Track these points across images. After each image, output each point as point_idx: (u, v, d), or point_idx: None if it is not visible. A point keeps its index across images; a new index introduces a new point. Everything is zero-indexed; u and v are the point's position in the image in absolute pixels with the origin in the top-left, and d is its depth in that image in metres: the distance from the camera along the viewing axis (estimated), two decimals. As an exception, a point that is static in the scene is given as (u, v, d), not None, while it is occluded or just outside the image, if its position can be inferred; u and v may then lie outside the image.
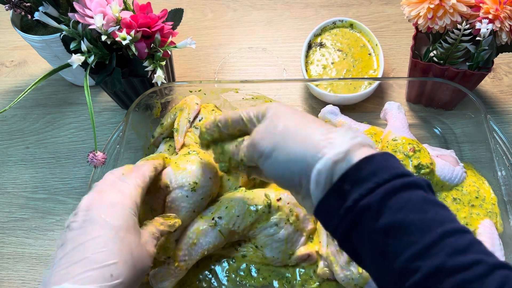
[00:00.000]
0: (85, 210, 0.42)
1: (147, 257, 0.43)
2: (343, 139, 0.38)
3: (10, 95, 0.83)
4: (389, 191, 0.34)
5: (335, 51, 0.77)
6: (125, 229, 0.41)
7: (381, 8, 0.89)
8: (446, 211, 0.35)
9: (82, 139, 0.76)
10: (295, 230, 0.55)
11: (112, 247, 0.39)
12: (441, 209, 0.35)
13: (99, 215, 0.41)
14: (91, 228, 0.40)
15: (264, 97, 0.68)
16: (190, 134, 0.63)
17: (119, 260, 0.39)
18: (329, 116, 0.68)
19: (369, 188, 0.34)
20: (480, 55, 0.61)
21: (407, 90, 0.74)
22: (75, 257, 0.38)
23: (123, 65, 0.64)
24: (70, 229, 0.41)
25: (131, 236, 0.42)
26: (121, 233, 0.41)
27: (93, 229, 0.40)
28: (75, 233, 0.40)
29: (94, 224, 0.40)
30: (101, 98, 0.81)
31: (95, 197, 0.43)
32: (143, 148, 0.67)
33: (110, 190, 0.45)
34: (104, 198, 0.43)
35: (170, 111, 0.66)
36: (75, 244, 0.39)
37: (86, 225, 0.40)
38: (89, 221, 0.41)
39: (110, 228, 0.40)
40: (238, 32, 0.88)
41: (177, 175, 0.53)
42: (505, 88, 0.76)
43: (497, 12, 0.57)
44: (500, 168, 0.57)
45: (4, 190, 0.72)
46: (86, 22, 0.59)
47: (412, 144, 0.56)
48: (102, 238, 0.39)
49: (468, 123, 0.65)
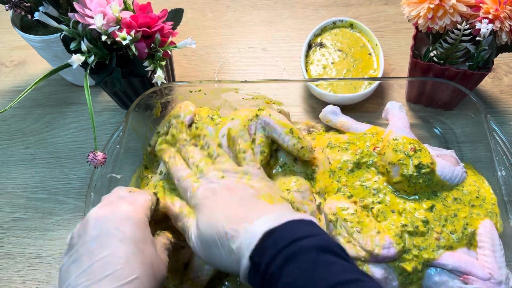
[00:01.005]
0: (97, 222, 0.41)
1: (164, 268, 0.43)
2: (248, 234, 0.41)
3: (10, 95, 0.83)
4: (286, 258, 0.37)
5: (335, 51, 0.77)
6: (143, 241, 0.41)
7: (381, 8, 0.89)
8: (338, 266, 0.37)
9: (82, 139, 0.76)
10: None
11: (134, 261, 0.38)
12: (333, 265, 0.37)
13: (115, 227, 0.40)
14: (108, 241, 0.39)
15: (264, 97, 0.68)
16: None
17: (142, 274, 0.38)
18: (330, 116, 0.68)
19: (271, 257, 0.38)
20: (480, 55, 0.61)
21: (407, 90, 0.74)
22: (96, 273, 0.37)
23: (123, 65, 0.64)
24: (82, 242, 0.39)
25: (150, 247, 0.41)
26: (140, 245, 0.40)
27: (110, 242, 0.39)
28: (89, 246, 0.39)
29: (110, 238, 0.39)
30: (101, 98, 0.81)
31: (105, 209, 0.42)
32: (143, 148, 0.67)
33: (121, 202, 0.44)
34: (117, 210, 0.42)
35: (165, 119, 0.66)
36: (92, 259, 0.38)
37: (101, 238, 0.39)
38: (104, 234, 0.39)
39: (129, 241, 0.39)
40: (238, 32, 0.88)
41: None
42: (505, 88, 0.76)
43: (497, 12, 0.57)
44: (500, 168, 0.57)
45: (4, 190, 0.72)
46: (86, 22, 0.59)
47: (413, 143, 0.56)
48: (122, 251, 0.38)
49: (468, 123, 0.65)
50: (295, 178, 0.58)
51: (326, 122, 0.69)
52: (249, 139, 0.56)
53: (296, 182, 0.57)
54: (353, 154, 0.60)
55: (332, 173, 0.60)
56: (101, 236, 0.39)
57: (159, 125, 0.66)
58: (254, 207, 0.44)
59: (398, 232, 0.52)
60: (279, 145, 0.59)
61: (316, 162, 0.60)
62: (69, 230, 0.67)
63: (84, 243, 0.39)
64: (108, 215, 0.41)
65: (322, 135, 0.68)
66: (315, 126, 0.70)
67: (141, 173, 0.66)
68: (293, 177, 0.58)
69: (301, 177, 0.58)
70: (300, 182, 0.57)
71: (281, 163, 0.59)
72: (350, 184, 0.58)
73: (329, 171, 0.60)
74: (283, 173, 0.59)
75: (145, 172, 0.66)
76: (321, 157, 0.61)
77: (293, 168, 0.59)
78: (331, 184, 0.58)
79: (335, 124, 0.68)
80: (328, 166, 0.61)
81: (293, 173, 0.59)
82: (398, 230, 0.52)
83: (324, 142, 0.64)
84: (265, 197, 0.46)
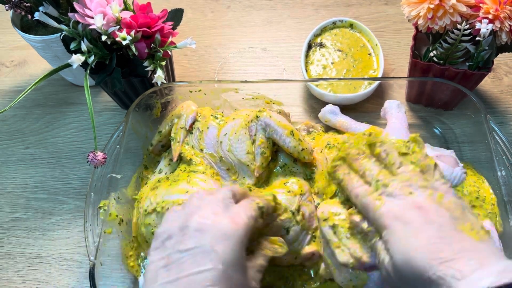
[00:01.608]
0: (196, 233, 0.40)
1: None
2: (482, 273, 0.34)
3: (10, 95, 0.83)
4: None
5: (335, 51, 0.77)
6: (233, 266, 0.39)
7: (381, 8, 0.89)
8: None
9: (82, 139, 0.76)
10: (302, 229, 0.55)
11: (218, 285, 0.37)
12: None
13: (211, 245, 0.39)
14: (201, 258, 0.38)
15: (264, 97, 0.68)
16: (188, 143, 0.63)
17: None
18: (329, 116, 0.68)
19: None
20: (480, 55, 0.61)
21: (407, 90, 0.74)
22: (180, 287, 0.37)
23: (123, 65, 0.64)
24: (176, 250, 0.39)
25: (238, 275, 0.39)
26: (229, 271, 0.38)
27: (204, 260, 0.38)
28: (182, 258, 0.39)
29: (203, 255, 0.38)
30: (101, 98, 0.81)
31: (208, 220, 0.41)
32: (143, 148, 0.67)
33: (223, 215, 0.42)
34: (217, 225, 0.40)
35: (167, 118, 0.66)
36: (181, 273, 0.38)
37: (195, 254, 0.39)
38: (201, 249, 0.39)
39: (220, 262, 0.38)
40: (238, 32, 0.88)
41: None
42: (505, 88, 0.76)
43: (497, 12, 0.57)
44: (500, 168, 0.57)
45: (4, 190, 0.72)
46: (86, 22, 0.59)
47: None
48: (210, 273, 0.37)
49: (468, 123, 0.65)
50: (295, 178, 0.58)
51: (325, 122, 0.69)
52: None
53: (295, 182, 0.57)
54: None
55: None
56: (195, 250, 0.39)
57: (161, 124, 0.66)
58: (458, 244, 0.38)
59: None
60: (280, 147, 0.59)
61: (315, 162, 0.61)
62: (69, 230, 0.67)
63: (178, 251, 0.39)
64: (208, 228, 0.40)
65: (321, 135, 0.68)
66: (315, 127, 0.70)
67: (141, 173, 0.66)
68: (292, 177, 0.58)
69: (300, 177, 0.59)
70: (299, 182, 0.57)
71: (281, 164, 0.59)
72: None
73: (326, 172, 0.60)
74: (283, 173, 0.59)
75: (145, 172, 0.66)
76: (320, 157, 0.61)
77: (293, 168, 0.59)
78: (329, 186, 0.58)
79: (334, 124, 0.68)
80: (326, 166, 0.61)
81: (292, 173, 0.59)
82: None
83: (323, 142, 0.64)
84: (466, 229, 0.39)
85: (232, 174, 0.60)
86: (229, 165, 0.60)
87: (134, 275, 0.58)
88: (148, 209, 0.55)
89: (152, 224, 0.55)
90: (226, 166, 0.60)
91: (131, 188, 0.63)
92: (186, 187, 0.55)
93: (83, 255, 0.65)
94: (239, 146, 0.59)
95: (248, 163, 0.58)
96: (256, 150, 0.58)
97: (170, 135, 0.64)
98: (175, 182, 0.57)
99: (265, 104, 0.69)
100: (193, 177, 0.57)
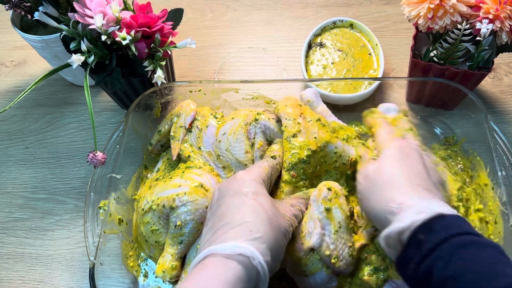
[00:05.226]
0: (217, 190, 0.49)
1: (281, 218, 0.47)
2: (414, 209, 0.42)
3: (10, 95, 0.83)
4: (461, 244, 0.38)
5: (335, 51, 0.77)
6: (254, 193, 0.46)
7: (381, 8, 0.89)
8: None
9: (82, 139, 0.76)
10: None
11: (245, 209, 0.44)
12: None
13: (233, 189, 0.47)
14: (223, 200, 0.47)
15: (264, 97, 0.68)
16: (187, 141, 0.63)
17: (253, 219, 0.43)
18: (314, 97, 0.64)
19: (443, 238, 0.38)
20: (480, 55, 0.61)
21: (407, 90, 0.74)
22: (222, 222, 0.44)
23: (123, 65, 0.64)
24: (211, 206, 0.49)
25: (262, 197, 0.46)
26: (250, 195, 0.46)
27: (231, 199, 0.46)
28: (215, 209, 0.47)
29: (225, 197, 0.47)
30: (101, 98, 0.81)
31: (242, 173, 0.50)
32: (143, 148, 0.67)
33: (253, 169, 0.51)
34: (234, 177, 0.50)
35: (167, 117, 0.66)
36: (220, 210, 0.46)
37: (219, 200, 0.47)
38: (222, 195, 0.47)
39: (240, 194, 0.46)
40: (238, 32, 0.88)
41: None
42: (505, 88, 0.76)
43: (497, 12, 0.57)
44: (500, 168, 0.57)
45: (4, 190, 0.72)
46: (86, 22, 0.59)
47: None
48: (235, 203, 0.45)
49: (468, 123, 0.65)
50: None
51: (307, 102, 0.64)
52: None
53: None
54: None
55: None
56: (219, 198, 0.48)
57: (160, 124, 0.66)
58: (429, 182, 0.46)
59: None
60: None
61: None
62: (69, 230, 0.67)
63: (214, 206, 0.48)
64: (225, 184, 0.49)
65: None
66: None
67: (141, 173, 0.66)
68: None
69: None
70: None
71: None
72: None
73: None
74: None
75: (145, 172, 0.66)
76: None
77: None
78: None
79: (316, 107, 0.64)
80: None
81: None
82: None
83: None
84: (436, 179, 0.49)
85: (228, 172, 0.60)
86: (225, 163, 0.60)
87: (134, 275, 0.58)
88: (145, 208, 0.55)
89: (150, 222, 0.55)
90: (222, 164, 0.60)
91: (131, 188, 0.63)
92: (179, 181, 0.55)
93: (83, 255, 0.65)
94: (237, 145, 0.59)
95: (246, 162, 0.58)
96: (255, 153, 0.58)
97: (170, 134, 0.64)
98: (169, 179, 0.57)
99: (265, 104, 0.69)
100: (187, 172, 0.58)
